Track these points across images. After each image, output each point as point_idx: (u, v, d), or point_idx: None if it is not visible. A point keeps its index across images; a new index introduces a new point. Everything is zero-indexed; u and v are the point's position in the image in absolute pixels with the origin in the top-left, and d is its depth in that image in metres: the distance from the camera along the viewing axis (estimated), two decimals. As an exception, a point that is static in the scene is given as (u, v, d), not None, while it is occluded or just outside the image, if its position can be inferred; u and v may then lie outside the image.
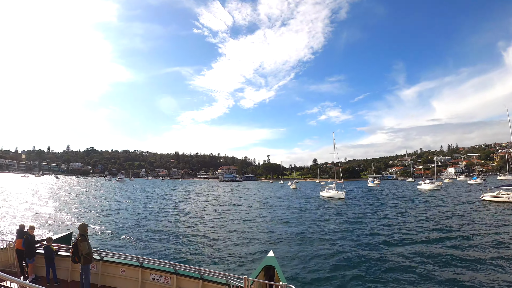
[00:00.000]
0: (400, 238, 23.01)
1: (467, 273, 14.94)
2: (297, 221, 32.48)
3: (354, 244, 21.43)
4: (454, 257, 17.50)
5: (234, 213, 39.86)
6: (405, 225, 28.67)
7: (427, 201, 51.37)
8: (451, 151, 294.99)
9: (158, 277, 9.84)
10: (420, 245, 20.51)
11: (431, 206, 43.64)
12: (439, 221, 30.23)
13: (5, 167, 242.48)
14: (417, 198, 59.12)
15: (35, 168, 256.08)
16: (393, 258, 17.63)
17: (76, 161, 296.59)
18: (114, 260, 10.67)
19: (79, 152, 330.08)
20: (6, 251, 11.90)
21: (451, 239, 22.07)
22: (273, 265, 10.74)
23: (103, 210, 41.02)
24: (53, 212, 37.73)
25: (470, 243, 20.95)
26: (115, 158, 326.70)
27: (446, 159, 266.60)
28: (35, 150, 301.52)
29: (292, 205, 49.59)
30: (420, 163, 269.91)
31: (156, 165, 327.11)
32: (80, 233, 9.62)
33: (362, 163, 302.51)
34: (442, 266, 16.17)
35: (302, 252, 19.36)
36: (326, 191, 66.62)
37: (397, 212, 38.43)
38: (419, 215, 35.20)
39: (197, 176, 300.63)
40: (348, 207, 44.97)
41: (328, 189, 66.62)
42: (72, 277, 10.89)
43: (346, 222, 31.08)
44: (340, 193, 60.41)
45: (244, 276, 8.09)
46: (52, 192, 72.01)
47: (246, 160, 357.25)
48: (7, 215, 33.63)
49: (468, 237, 22.75)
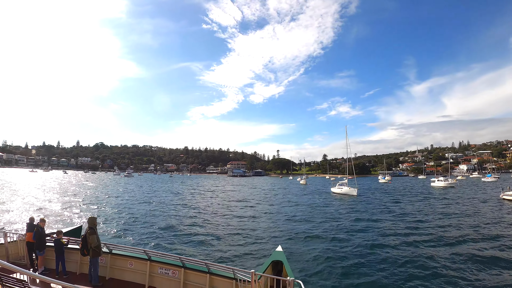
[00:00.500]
0: (419, 238, 21.56)
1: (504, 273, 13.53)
2: (307, 219, 31.14)
3: (368, 243, 20.11)
4: (484, 259, 16.16)
5: (242, 210, 38.62)
6: (424, 224, 27.13)
7: (443, 199, 49.51)
8: (462, 148, 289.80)
9: (166, 271, 9.89)
10: (442, 246, 19.13)
11: (448, 205, 41.79)
12: (460, 220, 28.58)
13: (14, 162, 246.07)
14: (432, 195, 57.16)
15: (44, 163, 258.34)
16: (412, 259, 16.38)
17: (86, 156, 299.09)
18: (123, 253, 10.74)
19: (89, 147, 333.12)
20: (17, 243, 12.04)
21: (477, 241, 20.54)
22: (281, 260, 10.59)
23: (108, 204, 40.48)
24: (58, 206, 37.00)
25: (497, 244, 19.52)
26: (124, 153, 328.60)
27: (458, 156, 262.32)
28: (45, 146, 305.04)
29: (302, 202, 48.06)
30: (431, 160, 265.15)
31: (165, 160, 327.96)
32: (89, 226, 9.80)
33: (373, 159, 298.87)
34: (472, 269, 14.82)
35: (312, 251, 18.33)
36: (337, 187, 64.43)
37: (413, 210, 36.73)
38: (437, 213, 33.56)
39: (206, 171, 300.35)
40: (361, 204, 43.32)
41: (339, 185, 64.57)
42: (81, 269, 10.96)
43: (359, 220, 29.60)
44: (352, 190, 58.25)
45: (251, 271, 7.96)
46: (59, 186, 71.85)
47: (256, 155, 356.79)
48: (15, 209, 33.16)
49: (494, 237, 21.33)
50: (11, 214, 29.89)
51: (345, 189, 60.70)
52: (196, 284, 9.47)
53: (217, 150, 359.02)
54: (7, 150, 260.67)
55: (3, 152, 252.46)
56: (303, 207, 40.88)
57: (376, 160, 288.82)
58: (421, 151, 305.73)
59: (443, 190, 70.39)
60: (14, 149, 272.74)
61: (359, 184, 64.84)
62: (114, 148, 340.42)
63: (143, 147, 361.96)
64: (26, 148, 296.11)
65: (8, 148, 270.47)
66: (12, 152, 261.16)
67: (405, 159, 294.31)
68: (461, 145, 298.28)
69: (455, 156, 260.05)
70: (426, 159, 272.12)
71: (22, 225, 22.40)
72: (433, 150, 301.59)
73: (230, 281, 8.82)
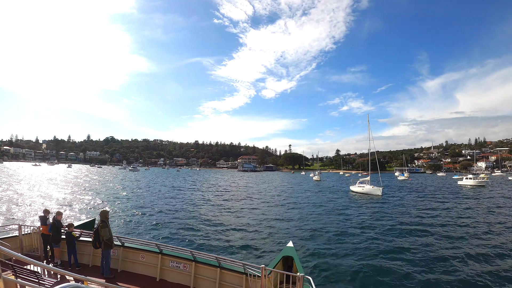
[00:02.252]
0: (483, 258, 15.52)
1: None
2: (326, 224, 24.93)
3: (416, 265, 14.31)
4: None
5: (250, 210, 32.25)
6: (495, 237, 20.47)
7: (480, 200, 42.86)
8: (478, 144, 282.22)
9: (177, 264, 9.93)
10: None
11: (491, 208, 35.11)
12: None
13: (21, 156, 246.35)
14: (465, 196, 50.10)
15: (52, 157, 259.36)
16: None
17: (95, 150, 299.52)
18: (135, 246, 10.77)
19: (99, 141, 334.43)
20: (31, 236, 11.91)
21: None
22: (291, 255, 10.19)
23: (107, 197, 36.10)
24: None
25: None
26: (134, 147, 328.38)
27: (475, 152, 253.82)
28: (55, 140, 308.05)
29: (318, 201, 41.38)
30: (447, 156, 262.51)
31: (175, 154, 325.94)
32: (101, 219, 9.97)
33: (387, 154, 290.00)
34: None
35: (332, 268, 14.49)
36: (358, 185, 56.62)
37: (462, 216, 29.84)
38: (487, 220, 26.92)
39: (216, 165, 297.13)
40: (389, 207, 36.30)
41: (360, 183, 56.89)
42: (94, 262, 11.02)
43: (394, 231, 22.69)
44: (376, 189, 50.46)
45: (261, 266, 7.71)
46: (48, 181, 65.87)
47: (267, 150, 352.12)
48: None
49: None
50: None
51: (367, 187, 53.02)
52: (206, 278, 9.45)
53: (228, 145, 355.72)
54: (14, 144, 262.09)
55: (11, 146, 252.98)
56: (320, 209, 34.22)
57: (390, 156, 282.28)
58: (436, 147, 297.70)
59: (474, 190, 63.12)
60: (24, 143, 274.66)
61: (376, 181, 57.89)
62: (124, 142, 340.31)
63: (154, 141, 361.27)
64: (37, 142, 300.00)
65: (16, 142, 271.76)
66: (20, 146, 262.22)
67: (420, 155, 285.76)
68: (477, 142, 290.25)
69: (471, 153, 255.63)
70: (442, 155, 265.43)
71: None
72: (448, 146, 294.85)
73: (240, 275, 8.90)
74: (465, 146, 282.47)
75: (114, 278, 9.73)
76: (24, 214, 25.68)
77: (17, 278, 5.98)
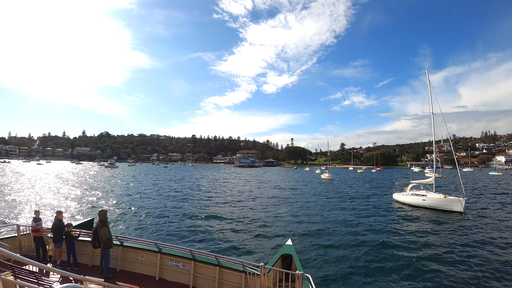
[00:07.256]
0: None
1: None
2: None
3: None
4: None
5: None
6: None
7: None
8: (489, 138, 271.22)
9: (176, 263, 9.75)
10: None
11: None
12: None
13: (4, 153, 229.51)
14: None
15: (38, 154, 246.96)
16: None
17: (86, 146, 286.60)
18: (134, 245, 10.55)
19: (93, 137, 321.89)
20: (29, 236, 11.69)
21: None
22: (290, 253, 10.04)
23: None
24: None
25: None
26: (127, 142, 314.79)
27: (490, 146, 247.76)
28: (49, 136, 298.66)
29: (356, 232, 22.04)
30: (460, 150, 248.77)
31: (171, 149, 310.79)
32: (100, 219, 9.72)
33: (397, 148, 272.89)
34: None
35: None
36: (410, 192, 34.75)
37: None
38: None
39: (212, 161, 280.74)
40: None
41: (413, 189, 35.33)
42: (93, 261, 10.79)
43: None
44: (452, 200, 28.77)
45: (261, 264, 7.71)
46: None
47: (268, 144, 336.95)
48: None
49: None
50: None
51: (432, 197, 31.14)
52: (206, 276, 9.29)
53: (227, 139, 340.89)
54: (6, 141, 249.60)
55: (4, 143, 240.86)
56: (366, 258, 15.52)
57: (401, 150, 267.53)
58: (445, 140, 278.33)
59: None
60: (17, 140, 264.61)
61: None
62: (119, 138, 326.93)
63: (150, 136, 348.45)
64: (30, 138, 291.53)
65: (9, 139, 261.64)
66: (7, 142, 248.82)
67: (430, 149, 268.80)
68: (486, 135, 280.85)
69: (486, 146, 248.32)
70: (455, 149, 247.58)
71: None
72: (457, 140, 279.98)
73: (239, 274, 8.77)
74: (477, 140, 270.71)
75: (114, 278, 9.46)
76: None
77: (16, 278, 6.06)
